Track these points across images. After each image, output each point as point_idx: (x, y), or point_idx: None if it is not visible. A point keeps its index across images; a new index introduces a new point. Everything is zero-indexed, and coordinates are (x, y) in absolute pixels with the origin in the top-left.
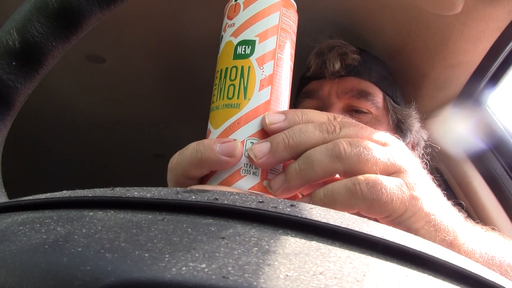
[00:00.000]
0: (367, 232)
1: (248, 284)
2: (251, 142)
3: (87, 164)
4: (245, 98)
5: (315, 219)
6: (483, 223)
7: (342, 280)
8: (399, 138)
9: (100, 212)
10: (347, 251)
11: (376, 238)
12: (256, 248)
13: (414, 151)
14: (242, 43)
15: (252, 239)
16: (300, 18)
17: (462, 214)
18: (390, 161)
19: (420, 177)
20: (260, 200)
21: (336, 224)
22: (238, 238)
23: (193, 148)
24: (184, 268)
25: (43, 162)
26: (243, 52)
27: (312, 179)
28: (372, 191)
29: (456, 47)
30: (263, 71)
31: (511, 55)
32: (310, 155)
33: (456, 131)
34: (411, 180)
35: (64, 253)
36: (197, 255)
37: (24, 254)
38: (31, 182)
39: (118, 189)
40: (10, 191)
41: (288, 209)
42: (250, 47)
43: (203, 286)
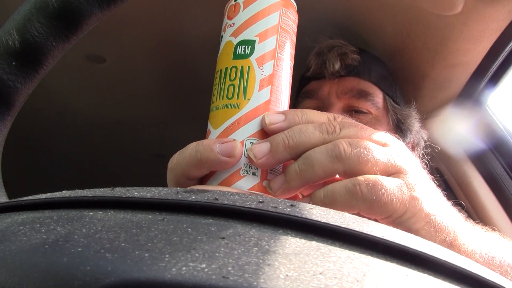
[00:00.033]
0: (367, 232)
1: (248, 284)
2: (250, 142)
3: (87, 164)
4: (244, 98)
5: (315, 219)
6: (483, 223)
7: (342, 280)
8: (399, 138)
9: (100, 212)
10: (347, 251)
11: (376, 238)
12: (256, 248)
13: (414, 151)
14: (241, 43)
15: (252, 239)
16: (300, 18)
17: (462, 214)
18: (390, 161)
19: (420, 177)
20: (260, 200)
21: (336, 224)
22: (238, 238)
23: (192, 148)
24: (184, 268)
25: (43, 162)
26: (242, 52)
27: (312, 179)
28: (372, 192)
29: (456, 47)
30: (262, 71)
31: (511, 55)
32: (310, 155)
33: (456, 131)
34: (411, 181)
35: (64, 253)
36: (197, 255)
37: (24, 254)
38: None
39: (118, 189)
40: (10, 191)
41: (288, 209)
42: (250, 47)
43: (203, 286)
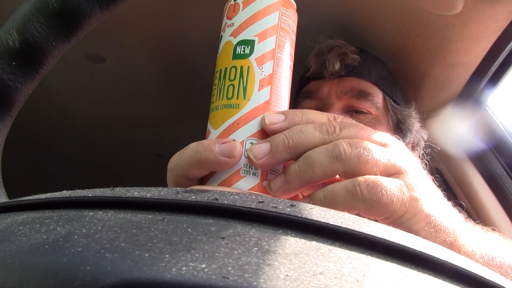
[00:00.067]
0: (367, 232)
1: (248, 284)
2: (250, 143)
3: (87, 164)
4: (244, 98)
5: (315, 219)
6: (483, 223)
7: (342, 280)
8: (399, 138)
9: (100, 212)
10: (347, 251)
11: (376, 238)
12: (256, 248)
13: (414, 151)
14: (241, 43)
15: (252, 239)
16: (299, 18)
17: (462, 214)
18: (390, 162)
19: (420, 178)
20: (260, 200)
21: (336, 224)
22: (238, 238)
23: (192, 148)
24: (184, 268)
25: (43, 162)
26: (242, 52)
27: (312, 180)
28: (372, 193)
29: (456, 47)
30: (262, 71)
31: (511, 55)
32: (310, 156)
33: (456, 131)
34: (411, 181)
35: (64, 253)
36: (197, 255)
37: (24, 254)
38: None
39: (118, 189)
40: (10, 191)
41: (288, 209)
42: (250, 47)
43: (203, 286)
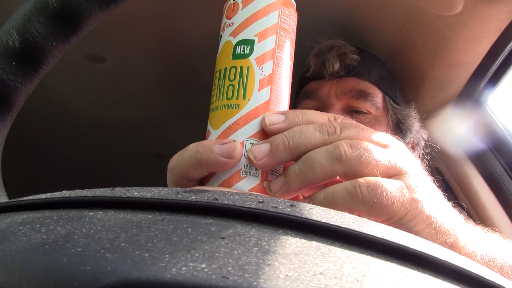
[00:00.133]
0: (367, 232)
1: (248, 284)
2: (250, 143)
3: (87, 164)
4: (244, 98)
5: (315, 219)
6: (483, 223)
7: (342, 280)
8: (398, 139)
9: (100, 212)
10: (347, 251)
11: (376, 238)
12: (256, 248)
13: (414, 151)
14: (241, 42)
15: (252, 239)
16: (299, 18)
17: (462, 215)
18: (391, 163)
19: (421, 179)
20: (260, 200)
21: (336, 224)
22: (238, 238)
23: (192, 149)
24: (184, 268)
25: (43, 162)
26: (242, 52)
27: (312, 181)
28: (372, 194)
29: (456, 47)
30: (262, 71)
31: (511, 55)
32: (311, 157)
33: (456, 131)
34: (412, 183)
35: (64, 253)
36: (197, 255)
37: (24, 254)
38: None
39: (118, 189)
40: (10, 191)
41: (288, 209)
42: (249, 46)
43: (203, 286)
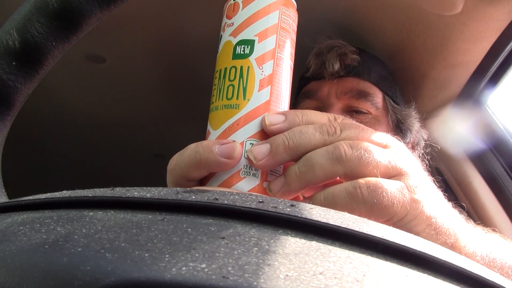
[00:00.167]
0: (367, 232)
1: (248, 284)
2: (250, 143)
3: (87, 164)
4: (244, 98)
5: (315, 219)
6: (483, 223)
7: (342, 280)
8: (398, 139)
9: (100, 212)
10: (347, 251)
11: (376, 238)
12: (256, 248)
13: (414, 151)
14: (241, 42)
15: (252, 239)
16: (299, 18)
17: (463, 216)
18: (391, 163)
19: (421, 179)
20: (260, 200)
21: (336, 224)
22: (238, 238)
23: (192, 149)
24: (184, 268)
25: (43, 162)
26: (242, 52)
27: (312, 182)
28: (373, 195)
29: (456, 47)
30: (262, 71)
31: (511, 55)
32: (311, 157)
33: (456, 131)
34: (412, 183)
35: (64, 253)
36: (197, 255)
37: (24, 254)
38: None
39: (118, 189)
40: (10, 191)
41: (288, 209)
42: (249, 46)
43: (203, 286)
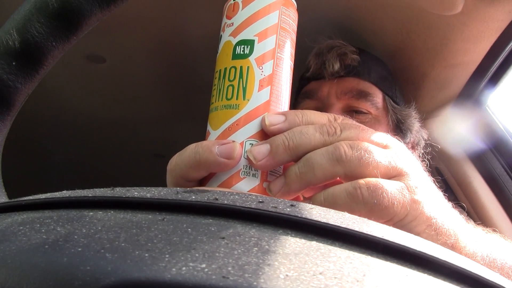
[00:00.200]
0: (367, 232)
1: (248, 284)
2: (250, 144)
3: (87, 164)
4: (244, 98)
5: (315, 219)
6: (483, 223)
7: (342, 280)
8: (399, 139)
9: (100, 212)
10: (347, 251)
11: (376, 238)
12: (256, 248)
13: (414, 151)
14: (241, 42)
15: (252, 239)
16: (299, 18)
17: (463, 216)
18: (391, 164)
19: (421, 180)
20: (260, 200)
21: (336, 224)
22: (238, 238)
23: (191, 149)
24: (184, 268)
25: (43, 162)
26: (242, 52)
27: (312, 182)
28: (373, 196)
29: (456, 47)
30: (262, 71)
31: (511, 55)
32: (311, 158)
33: (456, 131)
34: (412, 184)
35: (64, 253)
36: (197, 255)
37: (24, 254)
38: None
39: (118, 189)
40: (10, 191)
41: (288, 209)
42: (249, 46)
43: (203, 286)
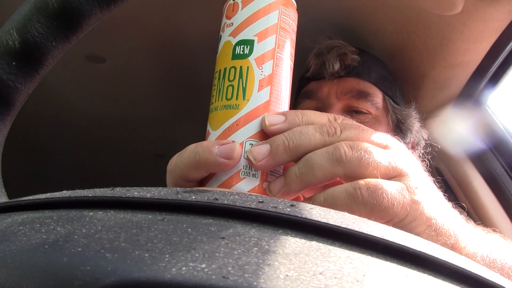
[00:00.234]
0: (367, 232)
1: (248, 284)
2: (250, 144)
3: (87, 164)
4: (244, 99)
5: (315, 219)
6: (483, 223)
7: (342, 280)
8: (399, 139)
9: (100, 212)
10: (347, 251)
11: (376, 238)
12: (256, 248)
13: (414, 151)
14: (240, 42)
15: (252, 239)
16: (299, 18)
17: (463, 216)
18: (391, 164)
19: (421, 180)
20: (260, 200)
21: (336, 224)
22: (238, 238)
23: (191, 150)
24: (184, 268)
25: (43, 162)
26: (241, 52)
27: (312, 183)
28: (373, 196)
29: (456, 47)
30: (262, 71)
31: (511, 55)
32: (311, 158)
33: (456, 131)
34: (412, 184)
35: (64, 253)
36: (197, 255)
37: (24, 254)
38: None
39: (118, 189)
40: (10, 191)
41: (288, 209)
42: (249, 47)
43: (203, 286)
